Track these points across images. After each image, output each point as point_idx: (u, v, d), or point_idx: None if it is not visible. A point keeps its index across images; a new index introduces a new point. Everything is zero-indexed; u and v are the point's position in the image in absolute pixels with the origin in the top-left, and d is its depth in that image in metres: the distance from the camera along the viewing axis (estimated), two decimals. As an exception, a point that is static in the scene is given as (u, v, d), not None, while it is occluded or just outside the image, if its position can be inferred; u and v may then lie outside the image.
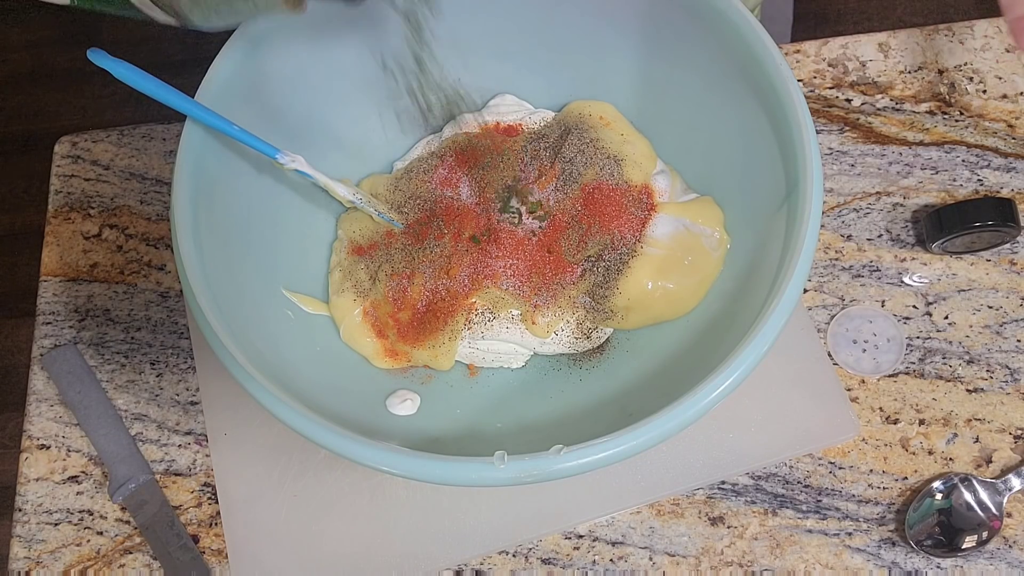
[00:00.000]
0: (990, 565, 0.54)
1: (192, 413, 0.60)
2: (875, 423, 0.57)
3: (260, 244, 0.52)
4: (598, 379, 0.53)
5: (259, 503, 0.55)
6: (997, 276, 0.61)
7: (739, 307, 0.48)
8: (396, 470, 0.39)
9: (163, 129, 0.69)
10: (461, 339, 0.53)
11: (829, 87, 0.67)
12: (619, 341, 0.55)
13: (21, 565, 0.56)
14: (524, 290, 0.52)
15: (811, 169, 0.44)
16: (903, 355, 0.59)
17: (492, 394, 0.54)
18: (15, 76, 1.60)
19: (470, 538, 0.54)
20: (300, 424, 0.40)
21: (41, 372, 0.62)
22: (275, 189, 0.54)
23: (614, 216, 0.53)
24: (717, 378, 0.40)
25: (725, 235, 0.54)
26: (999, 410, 0.57)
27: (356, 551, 0.54)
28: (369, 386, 0.52)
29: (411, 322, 0.53)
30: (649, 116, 0.58)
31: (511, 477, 0.38)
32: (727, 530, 0.55)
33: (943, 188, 0.63)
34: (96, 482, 0.58)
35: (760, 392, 0.56)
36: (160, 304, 0.63)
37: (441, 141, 0.59)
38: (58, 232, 0.66)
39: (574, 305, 0.53)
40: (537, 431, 0.50)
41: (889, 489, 0.56)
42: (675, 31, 0.52)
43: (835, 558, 0.54)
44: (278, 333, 0.50)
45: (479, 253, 0.53)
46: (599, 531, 0.55)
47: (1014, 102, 0.66)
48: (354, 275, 0.55)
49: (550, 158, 0.56)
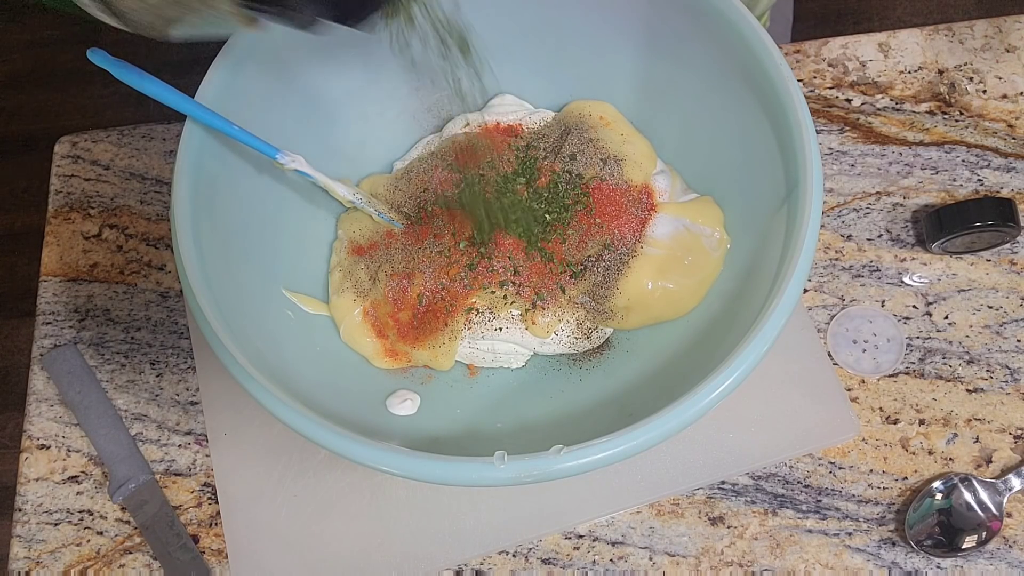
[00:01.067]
0: (990, 565, 0.54)
1: (192, 413, 0.60)
2: (875, 423, 0.57)
3: (260, 244, 0.52)
4: (598, 379, 0.53)
5: (259, 503, 0.55)
6: (997, 276, 0.61)
7: (739, 307, 0.48)
8: (396, 470, 0.39)
9: (163, 129, 0.69)
10: (461, 339, 0.53)
11: (829, 87, 0.67)
12: (619, 341, 0.55)
13: (21, 565, 0.56)
14: (524, 290, 0.52)
15: (811, 169, 0.44)
16: (903, 355, 0.59)
17: (492, 394, 0.54)
18: (15, 76, 1.60)
19: (470, 538, 0.54)
20: (300, 424, 0.40)
21: (41, 372, 0.62)
22: (275, 189, 0.54)
23: (614, 216, 0.53)
24: (717, 378, 0.40)
25: (725, 235, 0.54)
26: (999, 410, 0.57)
27: (356, 551, 0.54)
28: (369, 386, 0.52)
29: (411, 322, 0.53)
30: (649, 116, 0.58)
31: (511, 477, 0.38)
32: (727, 530, 0.55)
33: (943, 188, 0.63)
34: (96, 482, 0.58)
35: (760, 392, 0.56)
36: (160, 304, 0.63)
37: (441, 141, 0.59)
38: (58, 232, 0.66)
39: (574, 305, 0.53)
40: (537, 431, 0.50)
41: (889, 489, 0.56)
42: (675, 31, 0.52)
43: (835, 558, 0.54)
44: (278, 333, 0.50)
45: (479, 253, 0.53)
46: (599, 531, 0.55)
47: (1014, 102, 0.66)
48: (354, 275, 0.55)
49: (550, 158, 0.56)
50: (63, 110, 1.57)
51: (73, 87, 1.58)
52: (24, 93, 1.59)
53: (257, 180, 0.52)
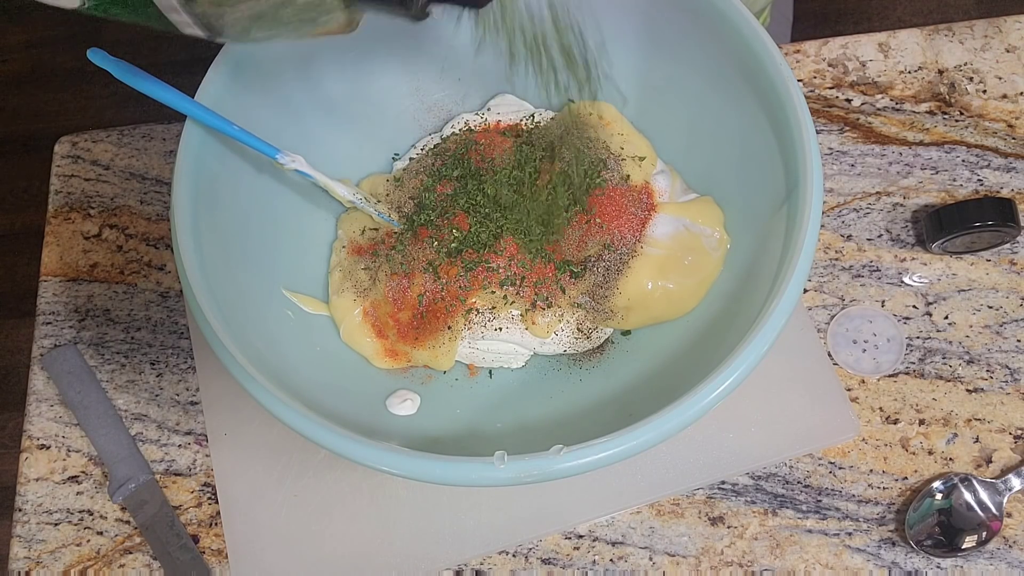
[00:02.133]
0: (990, 565, 0.54)
1: (192, 413, 0.60)
2: (875, 423, 0.57)
3: (260, 244, 0.52)
4: (598, 379, 0.53)
5: (259, 503, 0.55)
6: (997, 276, 0.61)
7: (739, 307, 0.48)
8: (396, 470, 0.39)
9: (163, 129, 0.69)
10: (461, 339, 0.53)
11: (829, 87, 0.67)
12: (619, 341, 0.55)
13: (21, 565, 0.56)
14: (524, 290, 0.52)
15: (811, 169, 0.44)
16: (903, 355, 0.59)
17: (492, 394, 0.54)
18: (15, 76, 1.60)
19: (470, 538, 0.54)
20: (300, 424, 0.40)
21: (41, 372, 0.62)
22: (275, 189, 0.54)
23: (614, 216, 0.53)
24: (717, 378, 0.40)
25: (725, 235, 0.54)
26: (999, 410, 0.57)
27: (356, 551, 0.54)
28: (369, 386, 0.52)
29: (411, 322, 0.53)
30: (649, 116, 0.58)
31: (511, 477, 0.38)
32: (727, 530, 0.55)
33: (943, 188, 0.63)
34: (96, 482, 0.58)
35: (760, 392, 0.56)
36: (160, 304, 0.63)
37: (441, 141, 0.59)
38: (58, 232, 0.66)
39: (574, 305, 0.53)
40: (537, 431, 0.50)
41: (889, 489, 0.56)
42: (675, 31, 0.52)
43: (835, 558, 0.54)
44: (278, 333, 0.50)
45: (479, 253, 0.53)
46: (599, 531, 0.55)
47: (1014, 102, 0.66)
48: (354, 275, 0.55)
49: (549, 158, 0.56)
50: (63, 110, 1.57)
51: (73, 87, 1.58)
52: (24, 93, 1.59)
53: (257, 180, 0.52)
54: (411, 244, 0.54)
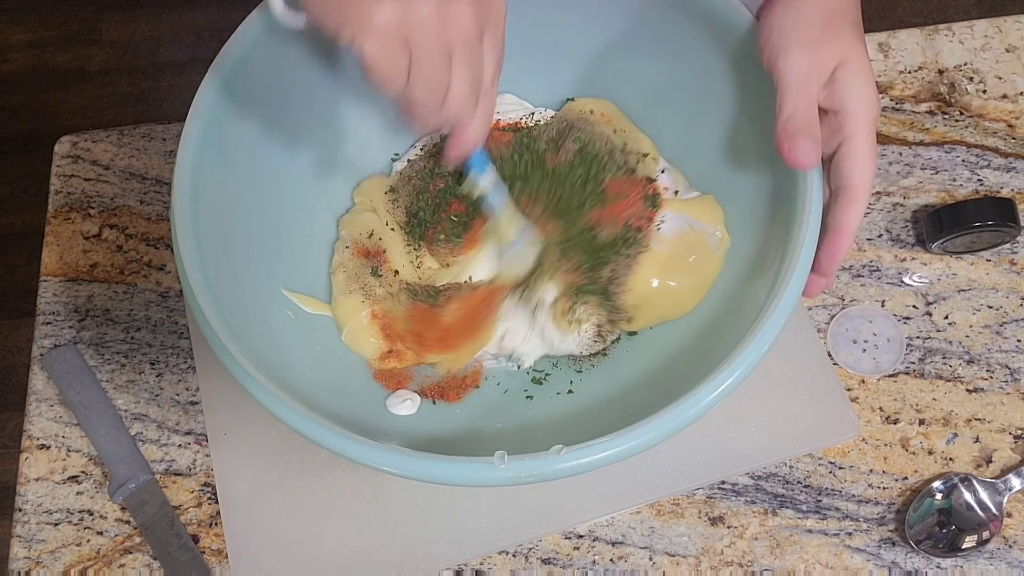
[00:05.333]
0: (990, 565, 0.54)
1: (192, 413, 0.60)
2: (875, 423, 0.57)
3: (260, 244, 0.52)
4: (598, 379, 0.53)
5: (259, 503, 0.55)
6: (997, 276, 0.61)
7: (739, 307, 0.48)
8: (396, 470, 0.39)
9: (163, 129, 0.69)
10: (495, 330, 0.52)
11: (829, 87, 0.67)
12: (620, 341, 0.55)
13: (21, 565, 0.56)
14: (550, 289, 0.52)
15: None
16: (903, 355, 0.59)
17: (492, 394, 0.54)
18: (15, 76, 1.60)
19: (470, 538, 0.54)
20: (300, 424, 0.40)
21: (41, 372, 0.62)
22: (275, 189, 0.54)
23: (626, 207, 0.53)
24: (717, 378, 0.40)
25: (726, 234, 0.54)
26: (999, 410, 0.57)
27: (356, 551, 0.54)
28: (369, 386, 0.52)
29: (438, 336, 0.53)
30: (650, 115, 0.58)
31: (511, 477, 0.38)
32: (727, 530, 0.55)
33: (943, 188, 0.63)
34: (96, 482, 0.58)
35: (760, 392, 0.56)
36: (160, 304, 0.63)
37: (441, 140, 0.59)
38: (58, 232, 0.66)
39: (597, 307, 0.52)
40: (537, 431, 0.50)
41: (889, 489, 0.56)
42: (676, 30, 0.52)
43: (835, 558, 0.54)
44: (278, 333, 0.50)
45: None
46: (599, 531, 0.55)
47: (1014, 102, 0.66)
48: (361, 278, 0.55)
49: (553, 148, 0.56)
50: (63, 110, 1.57)
51: (73, 87, 1.58)
52: (24, 93, 1.59)
53: (257, 180, 0.52)
54: (421, 248, 0.55)
